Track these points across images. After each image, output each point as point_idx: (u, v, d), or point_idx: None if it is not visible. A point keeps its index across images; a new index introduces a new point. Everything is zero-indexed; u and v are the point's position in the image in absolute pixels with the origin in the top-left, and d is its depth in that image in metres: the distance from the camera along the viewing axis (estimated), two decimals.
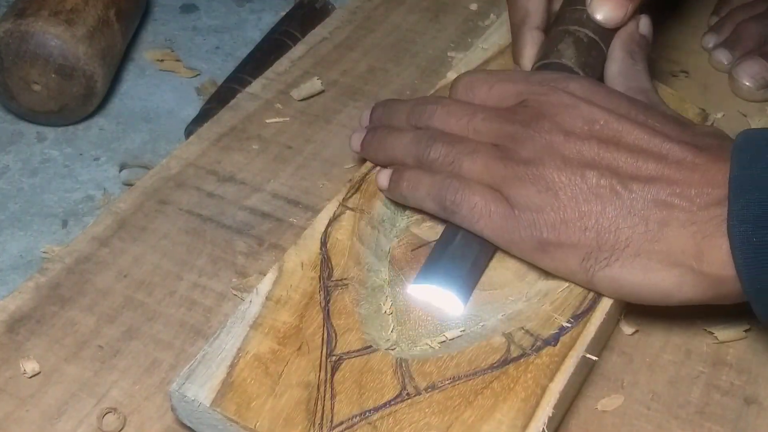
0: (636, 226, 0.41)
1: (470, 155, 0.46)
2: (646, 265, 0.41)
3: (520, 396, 0.40)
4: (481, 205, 0.44)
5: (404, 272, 0.46)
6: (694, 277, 0.41)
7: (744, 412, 0.44)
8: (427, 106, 0.49)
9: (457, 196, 0.45)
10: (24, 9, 0.76)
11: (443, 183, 0.46)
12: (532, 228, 0.43)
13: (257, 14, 0.95)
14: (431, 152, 0.47)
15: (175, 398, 0.41)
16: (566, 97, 0.45)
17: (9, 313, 0.47)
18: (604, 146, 0.43)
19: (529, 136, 0.44)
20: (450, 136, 0.47)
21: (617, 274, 0.42)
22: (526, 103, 0.46)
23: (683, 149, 0.42)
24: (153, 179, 0.55)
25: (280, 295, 0.44)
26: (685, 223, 0.41)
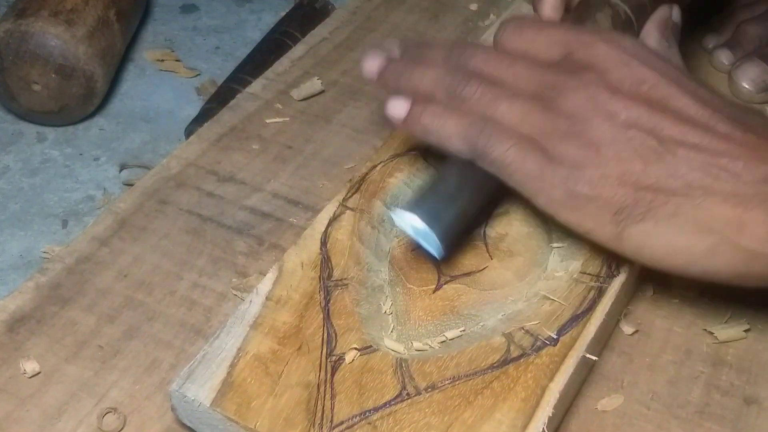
0: (678, 189, 0.40)
1: (509, 99, 0.44)
2: (681, 226, 0.40)
3: (520, 396, 0.40)
4: (515, 150, 0.42)
5: (404, 272, 0.46)
6: (728, 248, 0.40)
7: (744, 412, 0.44)
8: (468, 48, 0.47)
9: (491, 139, 0.43)
10: (24, 9, 0.76)
11: (477, 123, 0.43)
12: (567, 180, 0.42)
13: (257, 14, 0.95)
14: (466, 88, 0.44)
15: (176, 398, 0.41)
16: (616, 52, 0.43)
17: (9, 313, 0.47)
18: (650, 108, 0.42)
19: (573, 87, 0.43)
20: (489, 77, 0.45)
21: (650, 229, 0.41)
22: (573, 55, 0.44)
23: (731, 124, 0.41)
24: (153, 179, 0.55)
25: (280, 295, 0.44)
26: (729, 194, 0.40)
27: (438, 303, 0.45)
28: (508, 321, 0.44)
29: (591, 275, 0.45)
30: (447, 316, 0.44)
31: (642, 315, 0.48)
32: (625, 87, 0.42)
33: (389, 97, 0.47)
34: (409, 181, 0.51)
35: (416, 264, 0.47)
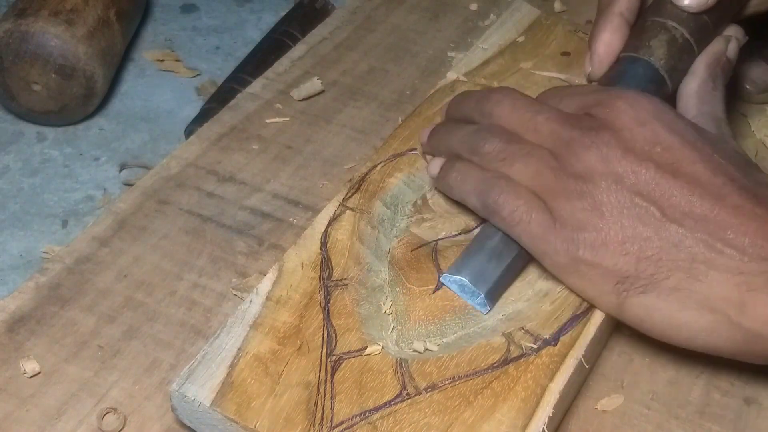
0: (680, 262, 0.40)
1: (524, 158, 0.44)
2: (683, 301, 0.40)
3: (520, 396, 0.40)
4: (523, 210, 0.43)
5: (404, 272, 0.46)
6: (729, 327, 0.40)
7: (744, 412, 0.44)
8: (494, 94, 0.48)
9: (501, 197, 0.44)
10: (24, 9, 0.76)
11: (490, 181, 0.45)
12: (569, 243, 0.42)
13: (257, 14, 0.95)
14: (486, 145, 0.46)
15: (176, 398, 0.41)
16: (632, 111, 0.43)
17: (9, 313, 0.47)
18: (660, 173, 0.41)
19: (586, 146, 0.43)
20: (508, 134, 0.46)
21: (651, 303, 0.41)
22: (592, 113, 0.44)
23: (743, 195, 0.40)
24: (153, 179, 0.55)
25: (280, 295, 0.44)
26: (733, 270, 0.39)
27: (438, 303, 0.45)
28: (508, 321, 0.44)
29: None
30: (447, 316, 0.44)
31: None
32: (638, 147, 0.42)
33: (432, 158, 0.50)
34: (409, 181, 0.51)
35: (416, 264, 0.47)
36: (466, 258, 0.46)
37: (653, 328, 0.42)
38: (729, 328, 0.40)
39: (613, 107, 0.44)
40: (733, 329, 0.40)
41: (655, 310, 0.41)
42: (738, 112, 0.62)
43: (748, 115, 0.61)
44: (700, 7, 0.49)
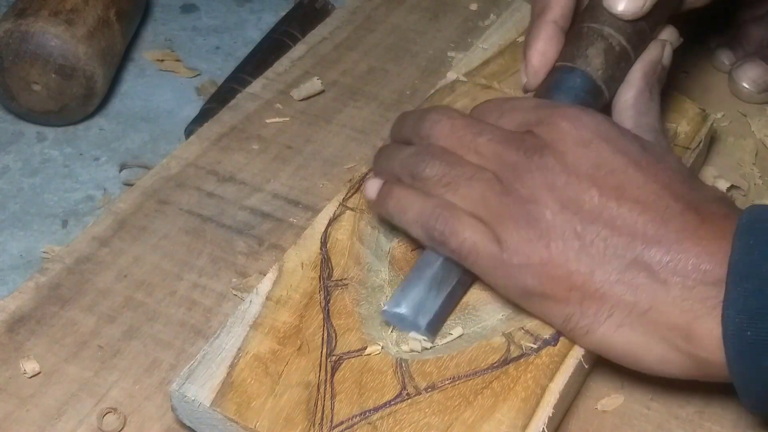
0: (624, 295, 0.40)
1: (468, 182, 0.43)
2: (629, 336, 0.40)
3: (520, 396, 0.40)
4: (470, 243, 0.42)
5: (404, 272, 0.46)
6: (679, 355, 0.39)
7: (744, 413, 0.44)
8: (431, 114, 0.47)
9: (447, 228, 0.43)
10: (24, 9, 0.76)
11: (433, 211, 0.43)
12: (518, 274, 0.41)
13: (257, 14, 0.95)
14: (427, 169, 0.44)
15: (176, 398, 0.41)
16: (575, 132, 0.42)
17: (9, 313, 0.47)
18: (605, 198, 0.41)
19: (531, 171, 0.42)
20: (450, 156, 0.44)
21: (598, 340, 0.41)
22: (535, 132, 0.43)
23: (686, 216, 0.40)
24: (153, 179, 0.55)
25: (280, 295, 0.44)
26: (677, 299, 0.39)
27: None
28: (508, 321, 0.44)
29: None
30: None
31: None
32: (582, 171, 0.41)
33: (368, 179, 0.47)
34: None
35: None
36: (405, 289, 0.44)
37: (609, 357, 0.42)
38: (679, 357, 0.39)
39: (556, 127, 0.43)
40: (683, 357, 0.39)
41: (604, 348, 0.41)
42: (738, 112, 0.62)
43: (748, 115, 0.61)
44: (635, 14, 0.48)
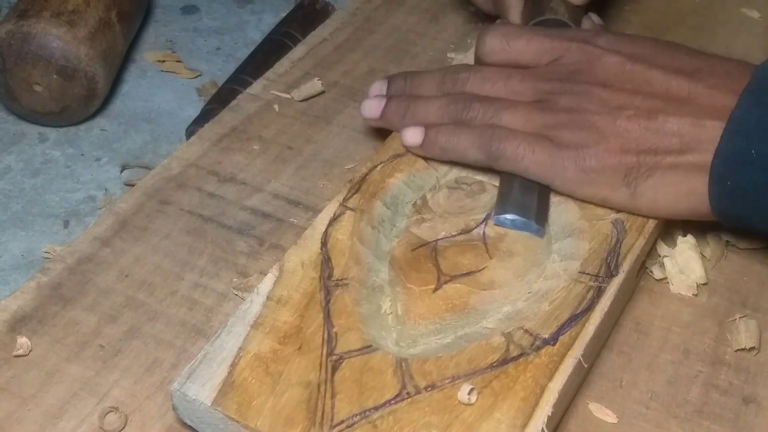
0: (672, 144, 0.45)
1: (509, 109, 0.48)
2: (681, 173, 0.45)
3: (519, 395, 0.40)
4: (525, 145, 0.47)
5: (404, 272, 0.47)
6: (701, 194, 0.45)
7: (743, 412, 0.44)
8: (460, 74, 0.51)
9: (502, 141, 0.48)
10: (26, 10, 0.76)
11: (486, 131, 0.48)
12: (576, 158, 0.47)
13: (258, 15, 0.95)
14: (470, 111, 0.49)
15: (177, 397, 0.41)
16: (596, 50, 0.49)
17: (11, 313, 0.47)
18: (636, 87, 0.47)
19: (567, 89, 0.48)
20: (487, 97, 0.49)
21: (658, 182, 0.46)
22: (561, 60, 0.49)
23: (706, 88, 0.46)
24: (154, 180, 0.56)
25: (281, 294, 0.45)
26: (714, 138, 0.44)
27: (438, 303, 0.45)
28: (507, 321, 0.44)
29: (590, 275, 0.45)
30: (447, 316, 0.44)
31: (641, 315, 0.48)
32: (610, 76, 0.48)
33: (404, 129, 0.51)
34: (409, 181, 0.52)
35: (416, 264, 0.47)
36: (504, 197, 0.49)
37: (665, 205, 0.47)
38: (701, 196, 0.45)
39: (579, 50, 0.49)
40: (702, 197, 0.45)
41: (662, 187, 0.46)
42: None
43: None
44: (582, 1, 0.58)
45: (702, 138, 0.45)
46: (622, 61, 0.48)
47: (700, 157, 0.45)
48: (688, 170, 0.45)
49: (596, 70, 0.48)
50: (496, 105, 0.49)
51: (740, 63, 0.47)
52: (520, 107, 0.49)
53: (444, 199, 0.51)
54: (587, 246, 0.47)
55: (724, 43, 0.68)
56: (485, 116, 0.49)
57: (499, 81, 0.50)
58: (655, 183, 0.46)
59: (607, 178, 0.47)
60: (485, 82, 0.50)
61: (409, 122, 0.51)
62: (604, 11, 0.69)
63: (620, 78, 0.48)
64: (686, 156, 0.45)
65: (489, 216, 0.49)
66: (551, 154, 0.47)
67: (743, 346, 0.46)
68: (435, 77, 0.52)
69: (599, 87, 0.48)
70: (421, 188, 0.52)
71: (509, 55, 0.51)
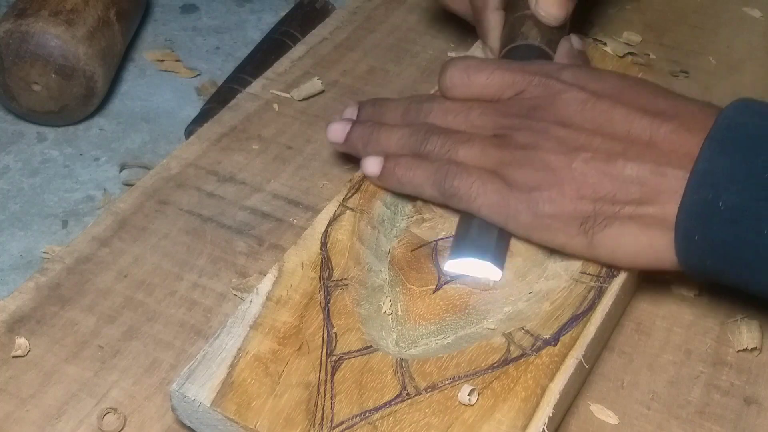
0: (631, 193, 0.43)
1: (466, 143, 0.47)
2: (641, 226, 0.43)
3: (520, 396, 0.40)
4: (478, 185, 0.46)
5: (404, 272, 0.46)
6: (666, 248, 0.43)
7: (744, 412, 0.44)
8: (423, 104, 0.50)
9: (456, 180, 0.46)
10: (24, 9, 0.76)
11: (441, 168, 0.47)
12: (528, 202, 0.45)
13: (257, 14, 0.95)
14: (428, 144, 0.48)
15: (176, 398, 0.41)
16: (559, 85, 0.47)
17: (9, 313, 0.47)
18: (597, 127, 0.45)
19: (526, 125, 0.46)
20: (447, 130, 0.49)
21: (616, 233, 0.43)
22: (523, 95, 0.48)
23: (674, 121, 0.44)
24: (153, 179, 0.55)
25: (281, 295, 0.44)
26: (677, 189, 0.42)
27: (438, 303, 0.45)
28: (508, 321, 0.44)
29: (591, 275, 0.45)
30: (447, 316, 0.44)
31: (642, 315, 0.48)
32: (571, 113, 0.46)
33: (364, 158, 0.51)
34: None
35: (416, 264, 0.47)
36: (459, 241, 0.47)
37: (625, 257, 0.44)
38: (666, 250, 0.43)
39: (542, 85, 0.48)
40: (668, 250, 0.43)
41: (622, 238, 0.44)
42: None
43: None
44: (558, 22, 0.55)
45: (663, 188, 0.42)
46: (585, 97, 0.46)
47: (662, 210, 0.42)
48: (649, 223, 0.43)
49: (557, 106, 0.46)
50: (454, 138, 0.48)
51: (705, 105, 0.45)
52: (476, 142, 0.47)
53: None
54: None
55: (725, 43, 0.68)
56: (442, 149, 0.48)
57: (461, 114, 0.49)
58: (614, 234, 0.43)
59: (562, 224, 0.44)
60: (447, 114, 0.49)
61: (371, 150, 0.51)
62: (604, 11, 0.69)
63: (581, 116, 0.46)
64: (646, 207, 0.43)
65: None
66: (504, 196, 0.45)
67: (745, 346, 0.46)
68: (400, 106, 0.52)
69: (558, 125, 0.46)
70: None
71: (470, 90, 0.50)
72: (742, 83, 0.64)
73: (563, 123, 0.46)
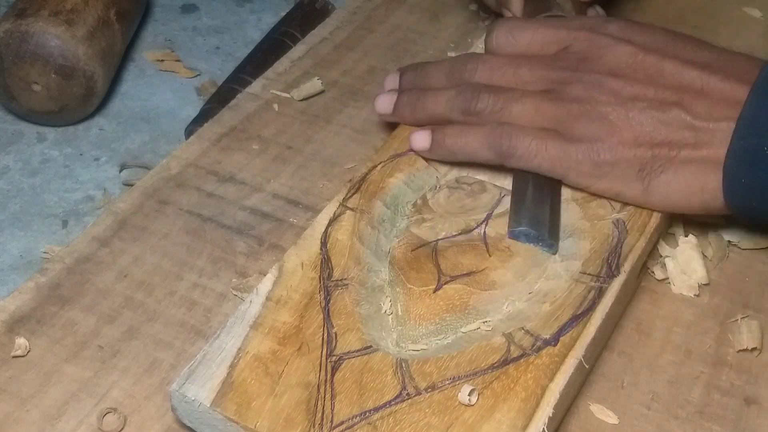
0: (686, 139, 0.45)
1: (519, 100, 0.48)
2: (694, 169, 0.45)
3: (520, 396, 0.40)
4: (537, 142, 0.47)
5: (404, 272, 0.46)
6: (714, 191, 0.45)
7: (744, 413, 0.44)
8: (468, 64, 0.51)
9: (513, 139, 0.47)
10: (24, 9, 0.76)
11: (495, 130, 0.48)
12: (589, 152, 0.46)
13: (257, 14, 0.95)
14: (479, 103, 0.48)
15: (176, 398, 0.41)
16: (606, 39, 0.48)
17: (9, 313, 0.47)
18: (648, 78, 0.46)
19: (577, 78, 0.47)
20: (496, 88, 0.49)
21: (671, 178, 0.45)
22: (569, 49, 0.49)
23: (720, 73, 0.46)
24: (153, 179, 0.55)
25: (281, 295, 0.44)
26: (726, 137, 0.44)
27: (438, 303, 0.45)
28: (508, 321, 0.44)
29: (591, 275, 0.45)
30: (447, 316, 0.44)
31: (642, 315, 0.48)
32: (621, 66, 0.47)
33: (411, 132, 0.51)
34: (410, 181, 0.51)
35: (416, 264, 0.47)
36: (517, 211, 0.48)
37: (678, 201, 0.46)
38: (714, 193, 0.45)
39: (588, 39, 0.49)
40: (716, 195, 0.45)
41: (676, 183, 0.46)
42: None
43: None
44: None
45: (714, 134, 0.44)
46: (634, 50, 0.47)
47: (714, 153, 0.44)
48: (701, 166, 0.45)
49: (606, 58, 0.48)
50: (505, 96, 0.48)
51: (749, 58, 0.47)
52: (529, 98, 0.48)
53: (444, 198, 0.51)
54: (588, 246, 0.47)
55: (725, 43, 0.67)
56: (494, 107, 0.48)
57: (508, 70, 0.49)
58: (668, 179, 0.46)
59: (622, 171, 0.46)
60: (493, 72, 0.50)
61: (420, 116, 0.51)
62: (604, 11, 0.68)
63: (632, 68, 0.47)
64: (700, 151, 0.45)
65: (489, 216, 0.49)
66: (564, 149, 0.47)
67: (745, 346, 0.46)
68: (443, 68, 0.52)
69: (610, 76, 0.47)
70: (422, 188, 0.51)
71: (516, 49, 0.50)
72: None
73: (614, 74, 0.47)
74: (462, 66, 0.51)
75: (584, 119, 0.46)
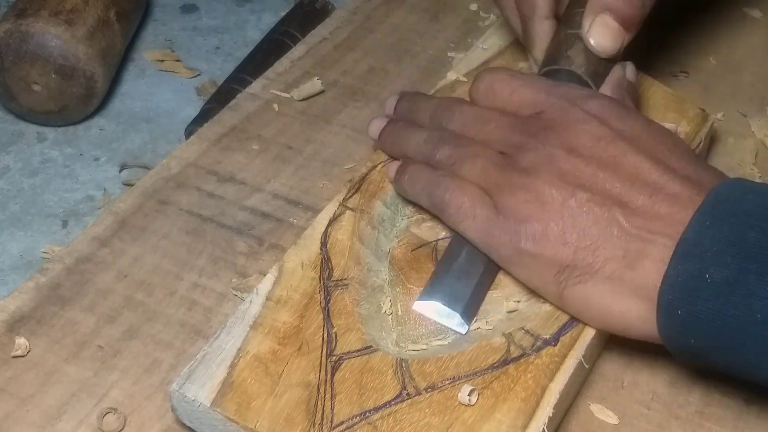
0: (615, 251, 0.41)
1: (471, 158, 0.46)
2: (617, 290, 0.41)
3: (520, 396, 0.40)
4: (467, 206, 0.45)
5: (404, 272, 0.46)
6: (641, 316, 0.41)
7: (744, 413, 0.44)
8: (450, 108, 0.50)
9: (447, 195, 0.46)
10: (24, 9, 0.76)
11: (437, 180, 0.47)
12: (512, 235, 0.43)
13: (257, 14, 0.95)
14: (437, 153, 0.48)
15: (176, 398, 0.41)
16: (580, 113, 0.45)
17: (9, 313, 0.47)
18: (602, 168, 0.42)
19: (533, 147, 0.44)
20: (460, 140, 0.48)
21: (588, 292, 0.42)
22: (541, 115, 0.46)
23: (684, 184, 0.41)
24: (153, 179, 0.55)
25: (281, 295, 0.44)
26: (665, 259, 0.40)
27: None
28: (508, 321, 0.44)
29: None
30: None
31: None
32: (582, 147, 0.43)
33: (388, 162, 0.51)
34: None
35: (416, 264, 0.47)
36: (435, 282, 0.45)
37: (592, 318, 0.43)
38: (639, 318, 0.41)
39: (563, 109, 0.45)
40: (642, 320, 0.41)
41: (592, 300, 0.42)
42: (738, 112, 0.62)
43: (748, 115, 0.61)
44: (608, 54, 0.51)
45: (649, 253, 0.40)
46: (602, 133, 0.44)
47: (644, 277, 0.40)
48: (626, 288, 0.41)
49: (570, 133, 0.44)
50: (461, 152, 0.47)
51: (717, 175, 0.43)
52: (482, 158, 0.46)
53: None
54: None
55: (725, 43, 0.68)
56: (449, 161, 0.47)
57: (477, 123, 0.48)
58: (586, 293, 0.42)
59: (539, 267, 0.42)
60: (465, 123, 0.49)
61: (395, 150, 0.51)
62: None
63: (591, 150, 0.43)
64: (627, 271, 0.40)
65: None
66: (491, 225, 0.44)
67: None
68: (430, 107, 0.51)
69: (566, 153, 0.43)
70: None
71: (493, 103, 0.49)
72: (742, 83, 0.64)
73: (572, 152, 0.43)
74: (444, 110, 0.50)
75: (520, 193, 0.43)
